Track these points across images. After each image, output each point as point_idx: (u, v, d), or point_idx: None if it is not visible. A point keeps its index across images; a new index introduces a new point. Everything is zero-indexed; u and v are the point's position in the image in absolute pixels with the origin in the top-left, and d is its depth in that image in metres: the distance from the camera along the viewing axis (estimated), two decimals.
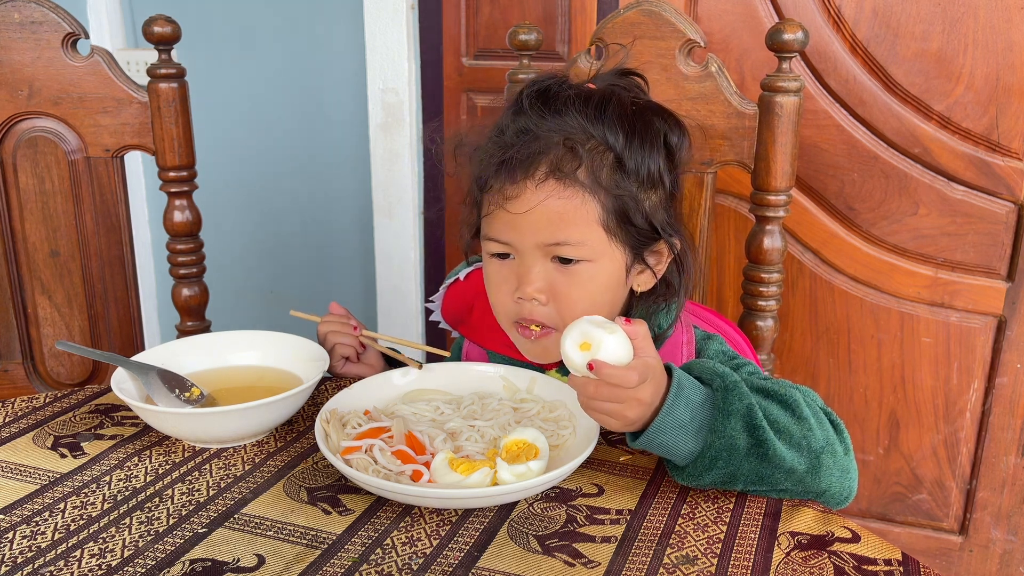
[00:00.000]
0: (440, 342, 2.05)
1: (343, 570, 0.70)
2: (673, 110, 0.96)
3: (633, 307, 0.97)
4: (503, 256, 0.92)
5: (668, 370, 0.81)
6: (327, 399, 0.94)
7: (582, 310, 0.88)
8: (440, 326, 1.11)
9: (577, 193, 0.88)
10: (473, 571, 0.70)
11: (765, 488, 0.80)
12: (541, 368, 1.00)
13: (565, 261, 0.89)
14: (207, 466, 0.87)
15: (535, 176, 0.88)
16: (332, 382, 1.06)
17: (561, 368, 0.99)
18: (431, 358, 1.15)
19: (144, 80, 1.28)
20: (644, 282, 0.96)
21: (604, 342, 0.77)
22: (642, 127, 0.90)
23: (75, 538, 0.75)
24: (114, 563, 0.71)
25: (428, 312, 2.02)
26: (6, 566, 0.71)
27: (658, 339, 0.96)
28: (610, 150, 0.89)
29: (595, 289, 0.91)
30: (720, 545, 0.74)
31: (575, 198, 0.87)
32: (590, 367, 0.77)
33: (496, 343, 1.03)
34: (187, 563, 0.71)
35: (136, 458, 0.88)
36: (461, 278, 1.09)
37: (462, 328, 1.09)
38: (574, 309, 0.89)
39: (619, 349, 0.77)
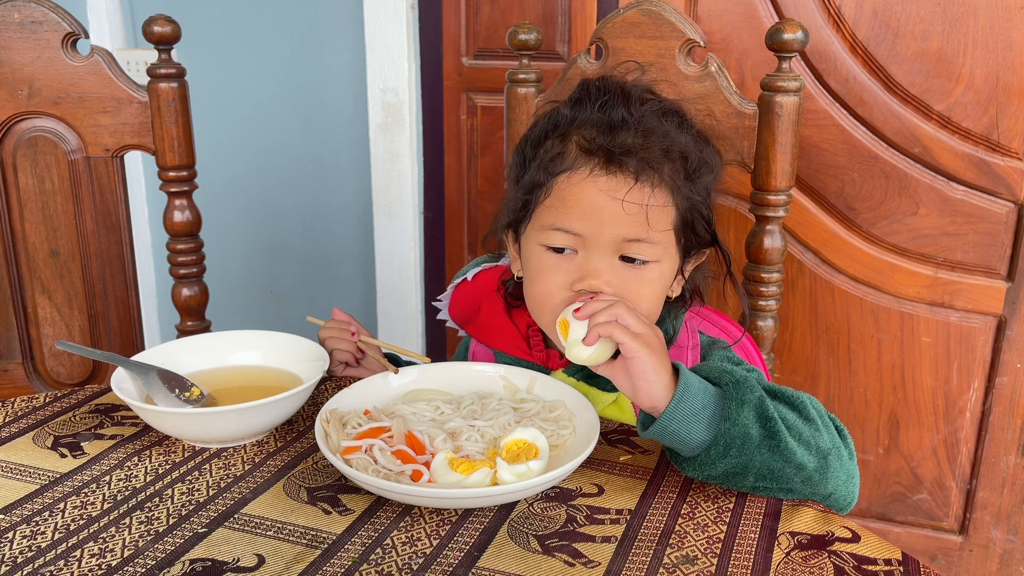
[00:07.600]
0: (441, 340, 2.05)
1: (343, 570, 0.70)
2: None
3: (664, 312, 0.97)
4: (559, 250, 0.90)
5: (676, 368, 0.81)
6: (327, 399, 0.94)
7: (646, 308, 0.88)
8: (447, 325, 1.11)
9: (664, 192, 0.87)
10: (473, 571, 0.70)
11: (774, 485, 0.80)
12: (546, 368, 1.00)
13: (630, 260, 0.88)
14: (207, 466, 0.87)
15: (628, 169, 0.85)
16: (332, 382, 1.06)
17: (568, 369, 0.99)
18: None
19: (144, 80, 1.28)
20: (675, 288, 0.96)
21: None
22: (705, 144, 0.92)
23: (75, 538, 0.75)
24: (114, 563, 0.71)
25: (429, 311, 2.03)
26: (6, 566, 0.71)
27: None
28: (685, 158, 0.88)
29: (660, 289, 0.91)
30: (720, 545, 0.74)
31: (662, 197, 0.87)
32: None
33: (503, 343, 1.03)
34: (187, 563, 0.71)
35: (136, 458, 0.88)
36: (469, 278, 1.09)
37: (469, 328, 1.09)
38: (640, 305, 0.88)
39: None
